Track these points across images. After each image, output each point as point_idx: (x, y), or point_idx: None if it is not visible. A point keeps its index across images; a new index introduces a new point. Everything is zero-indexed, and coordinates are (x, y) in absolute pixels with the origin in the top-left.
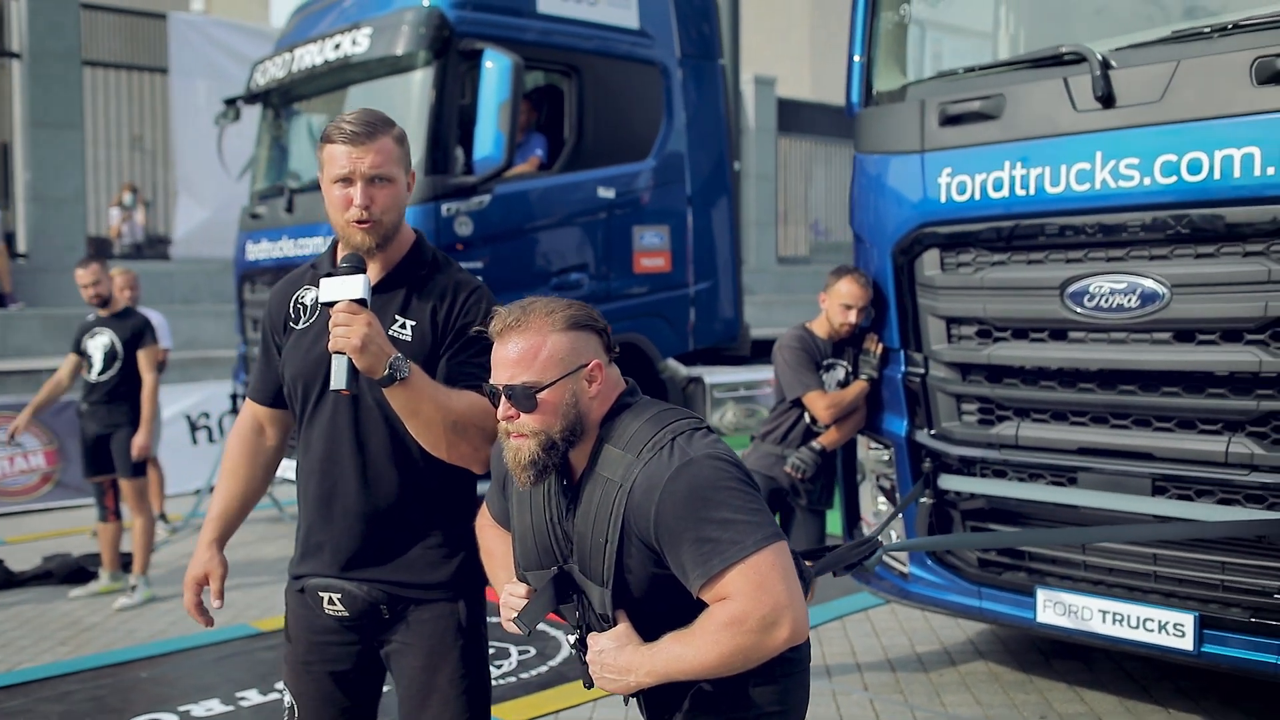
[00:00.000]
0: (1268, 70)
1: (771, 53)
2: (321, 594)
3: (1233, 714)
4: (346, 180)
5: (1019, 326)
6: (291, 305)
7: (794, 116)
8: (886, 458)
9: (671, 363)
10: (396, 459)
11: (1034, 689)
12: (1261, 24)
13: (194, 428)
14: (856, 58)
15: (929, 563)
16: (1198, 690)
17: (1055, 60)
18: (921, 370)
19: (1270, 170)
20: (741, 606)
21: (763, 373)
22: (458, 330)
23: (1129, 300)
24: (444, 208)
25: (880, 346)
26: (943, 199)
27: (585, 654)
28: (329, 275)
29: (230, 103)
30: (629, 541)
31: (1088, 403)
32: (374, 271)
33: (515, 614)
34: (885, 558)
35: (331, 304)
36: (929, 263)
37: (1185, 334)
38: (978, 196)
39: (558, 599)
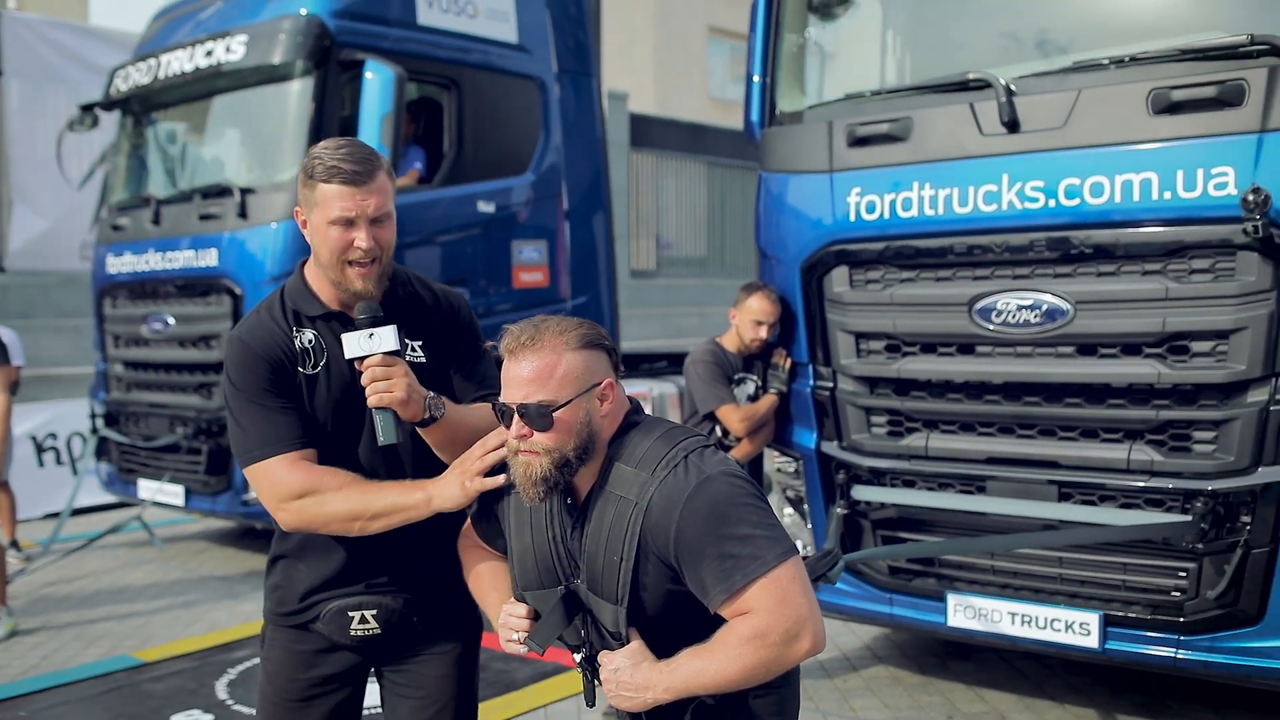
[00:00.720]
0: (1162, 101)
1: (615, 67)
2: (351, 613)
3: (1121, 705)
4: (348, 223)
5: (928, 341)
6: (294, 349)
7: (644, 131)
8: (794, 469)
9: None
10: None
11: (936, 691)
12: (1156, 58)
13: (40, 449)
14: (756, 78)
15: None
16: (1087, 685)
17: (961, 86)
18: (830, 384)
19: (1166, 194)
20: (765, 620)
21: (636, 386)
22: (459, 343)
23: (1034, 316)
24: None
25: (789, 361)
26: (852, 218)
27: (592, 672)
28: (342, 325)
29: (87, 109)
30: (645, 559)
31: (995, 414)
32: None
33: (516, 634)
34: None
35: (361, 358)
36: (838, 279)
37: (1088, 348)
38: (887, 216)
39: (567, 618)
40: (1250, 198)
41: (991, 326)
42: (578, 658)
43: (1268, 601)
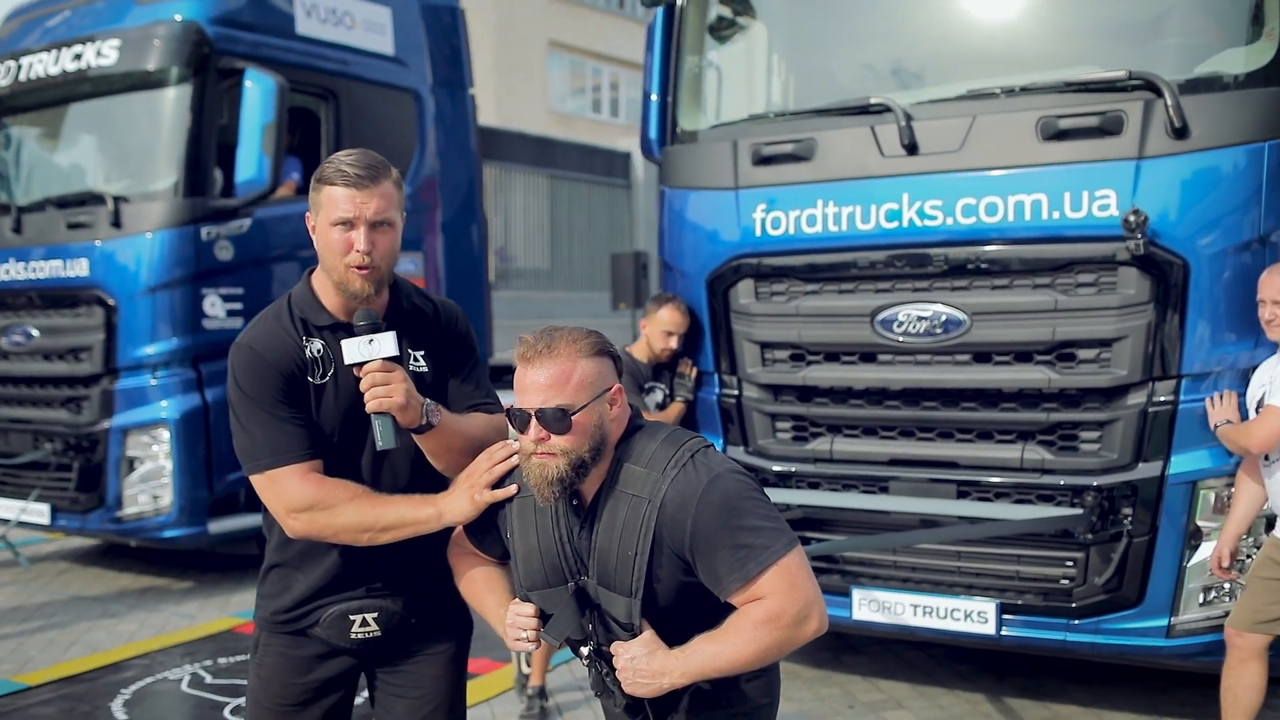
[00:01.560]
0: (1051, 129)
1: None
2: (353, 617)
3: (1005, 688)
4: (348, 224)
5: (832, 350)
6: (304, 358)
7: (490, 144)
8: None
9: None
10: (423, 488)
11: (834, 683)
12: (1043, 89)
13: None
14: (654, 96)
15: None
16: (973, 672)
17: (862, 110)
18: (736, 392)
19: (1055, 214)
20: (778, 604)
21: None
22: (456, 353)
23: (933, 326)
24: (203, 231)
25: (695, 370)
26: (757, 233)
27: (602, 663)
28: (348, 336)
29: None
30: (660, 552)
31: (896, 418)
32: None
33: (525, 633)
34: None
35: (360, 364)
36: (744, 291)
37: (983, 356)
38: (792, 231)
39: (581, 613)
40: (1131, 219)
41: (893, 336)
42: (585, 650)
43: (1147, 586)
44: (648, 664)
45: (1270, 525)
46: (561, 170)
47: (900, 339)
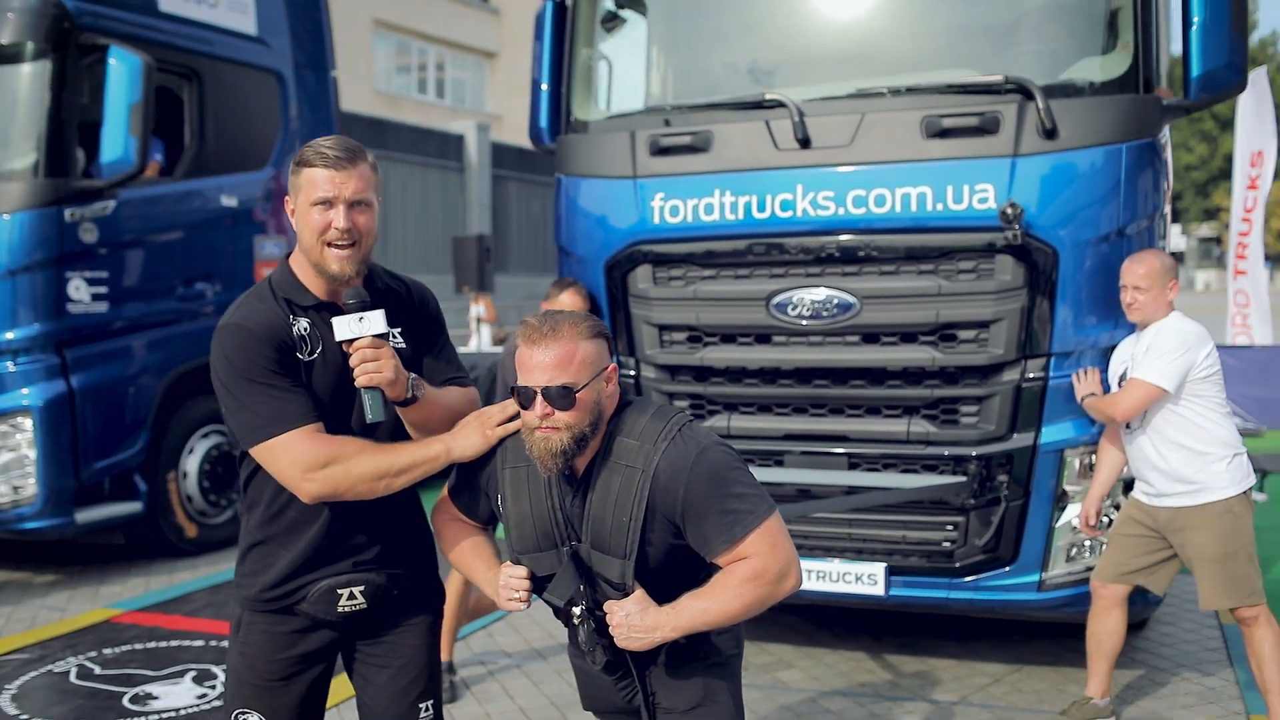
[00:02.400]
0: (934, 127)
1: None
2: (339, 592)
3: (884, 646)
4: (328, 204)
5: (728, 332)
6: (291, 335)
7: (353, 132)
8: None
9: None
10: None
11: None
12: (927, 89)
13: None
14: (544, 86)
15: None
16: (852, 633)
17: (757, 105)
18: (634, 372)
19: (939, 206)
20: (762, 563)
21: None
22: (431, 330)
23: (826, 309)
24: (67, 213)
25: None
26: (655, 220)
27: (593, 622)
28: (333, 315)
29: None
30: (653, 517)
31: (790, 396)
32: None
33: (518, 593)
34: None
35: (350, 341)
36: (642, 276)
37: (872, 337)
38: (690, 219)
39: (579, 574)
40: (1008, 211)
41: (787, 318)
42: (577, 610)
43: (1020, 545)
44: (641, 620)
45: (1129, 487)
46: (394, 152)
47: (794, 321)
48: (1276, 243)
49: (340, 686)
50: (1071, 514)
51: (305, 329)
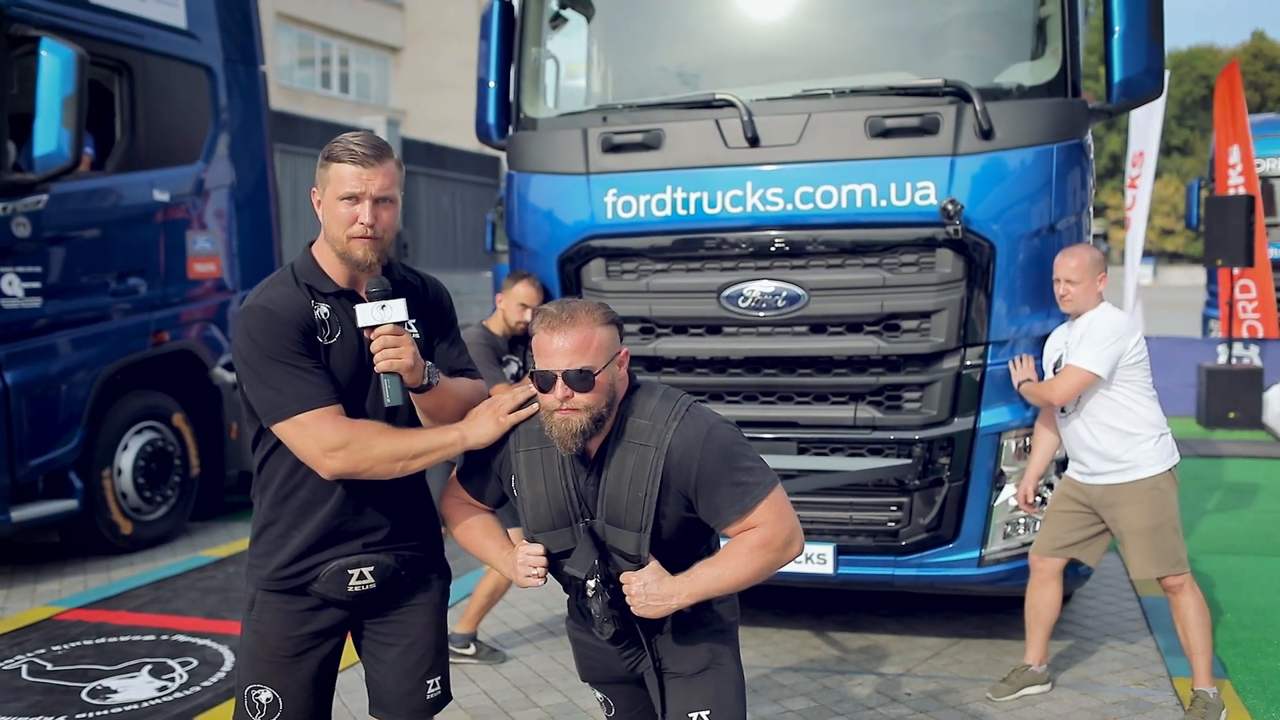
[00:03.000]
0: (877, 127)
1: None
2: (350, 572)
3: (826, 624)
4: (354, 199)
5: (680, 324)
6: (313, 318)
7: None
8: None
9: (218, 370)
10: None
11: None
12: (870, 91)
13: None
14: (492, 84)
15: None
16: (793, 613)
17: (707, 105)
18: None
19: (883, 202)
20: (770, 531)
21: None
22: (443, 324)
23: (775, 301)
24: None
25: None
26: (609, 216)
27: (608, 593)
28: (353, 302)
29: None
30: (667, 492)
31: (741, 384)
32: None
33: (535, 569)
34: None
35: (371, 328)
36: (595, 270)
37: (819, 327)
38: (642, 214)
39: (596, 549)
40: (949, 207)
41: (738, 310)
42: (592, 583)
43: (961, 524)
44: (658, 588)
45: (1061, 467)
46: (303, 147)
47: (744, 313)
48: (1160, 240)
49: (347, 653)
50: (1008, 493)
51: (325, 314)
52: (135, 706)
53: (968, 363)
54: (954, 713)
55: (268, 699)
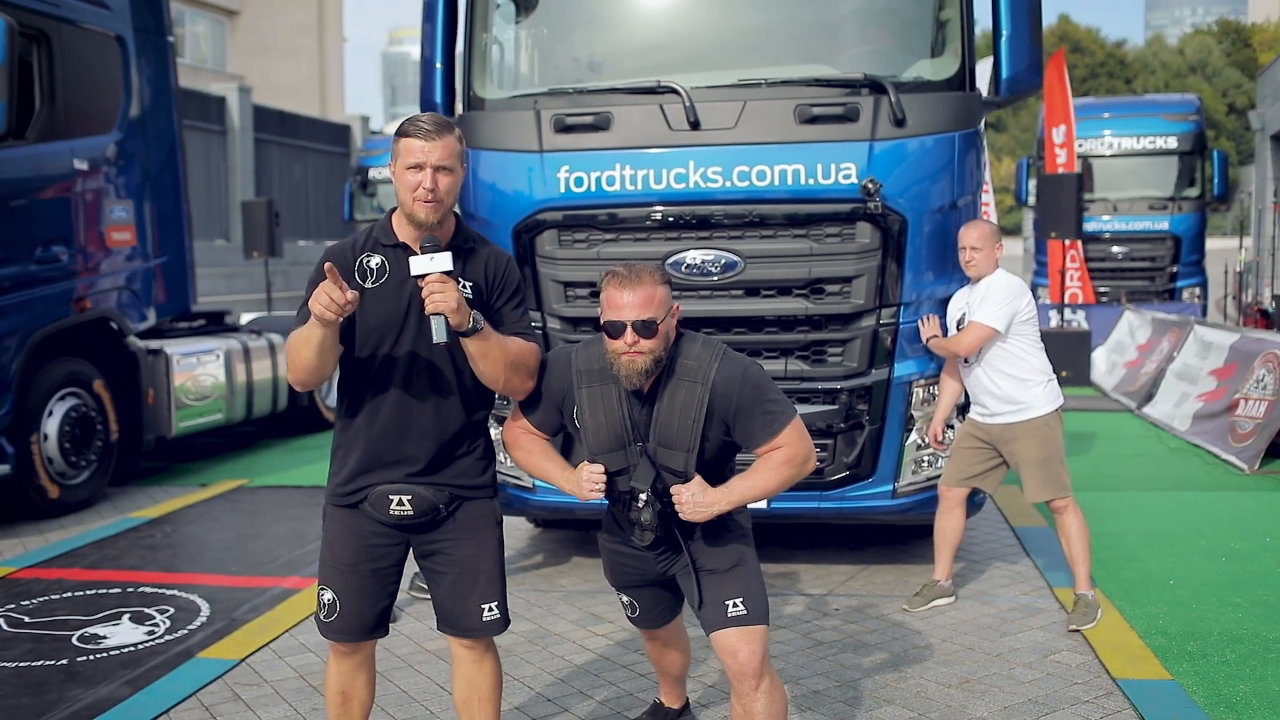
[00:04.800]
0: (805, 114)
1: None
2: (391, 497)
3: None
4: (419, 167)
5: None
6: (357, 268)
7: None
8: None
9: (132, 338)
10: (460, 391)
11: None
12: (798, 82)
13: None
14: (438, 64)
15: None
16: None
17: (652, 90)
18: (541, 324)
19: (810, 181)
20: (795, 449)
21: (210, 344)
22: (502, 288)
23: (714, 268)
24: None
25: None
26: (561, 190)
27: (662, 502)
28: (413, 255)
29: None
30: (711, 419)
31: None
32: None
33: (598, 485)
34: (509, 478)
35: (422, 276)
36: (548, 240)
37: (754, 291)
38: (593, 189)
39: (652, 467)
40: (868, 185)
41: (680, 275)
42: (644, 495)
43: (878, 461)
44: (704, 497)
45: (963, 410)
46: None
47: (686, 278)
48: (1004, 218)
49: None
50: (917, 434)
51: (376, 263)
52: (132, 649)
53: (882, 321)
54: (878, 622)
55: (329, 599)
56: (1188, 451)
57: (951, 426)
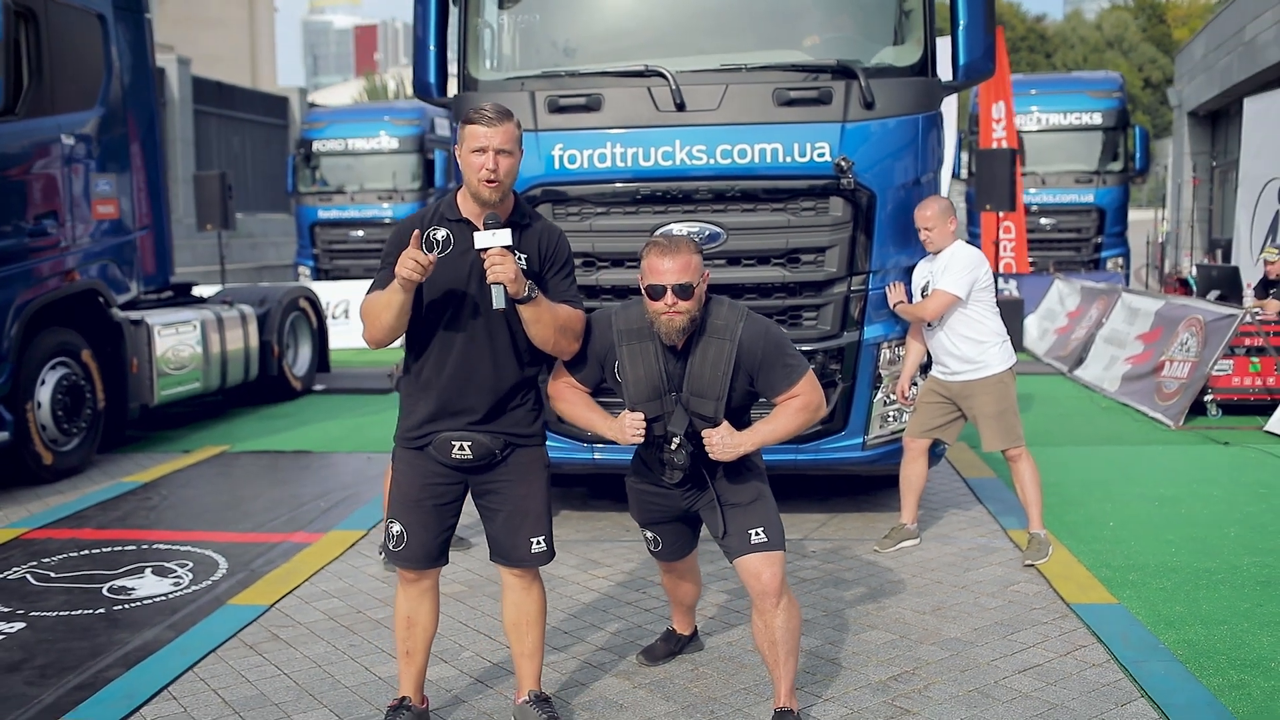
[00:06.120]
0: (783, 97)
1: None
2: (453, 443)
3: None
4: (482, 151)
5: (618, 258)
6: (425, 240)
7: None
8: None
9: (115, 309)
10: (515, 351)
11: (588, 515)
12: (776, 67)
13: None
14: (431, 46)
15: (549, 433)
16: None
17: (640, 74)
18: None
19: (788, 159)
20: (810, 397)
21: (186, 314)
22: (554, 260)
23: (699, 238)
24: None
25: None
26: (556, 167)
27: (695, 444)
28: (477, 231)
29: None
30: (738, 371)
31: None
32: None
33: (638, 430)
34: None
35: (485, 249)
36: (543, 212)
37: (735, 260)
38: (585, 166)
39: (686, 414)
40: (841, 164)
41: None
42: (678, 439)
43: (850, 416)
44: (732, 439)
45: (925, 370)
46: None
47: None
48: None
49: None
50: (884, 392)
51: (442, 235)
52: (163, 598)
53: (853, 288)
54: (853, 562)
55: (397, 530)
56: (1117, 410)
57: (915, 384)
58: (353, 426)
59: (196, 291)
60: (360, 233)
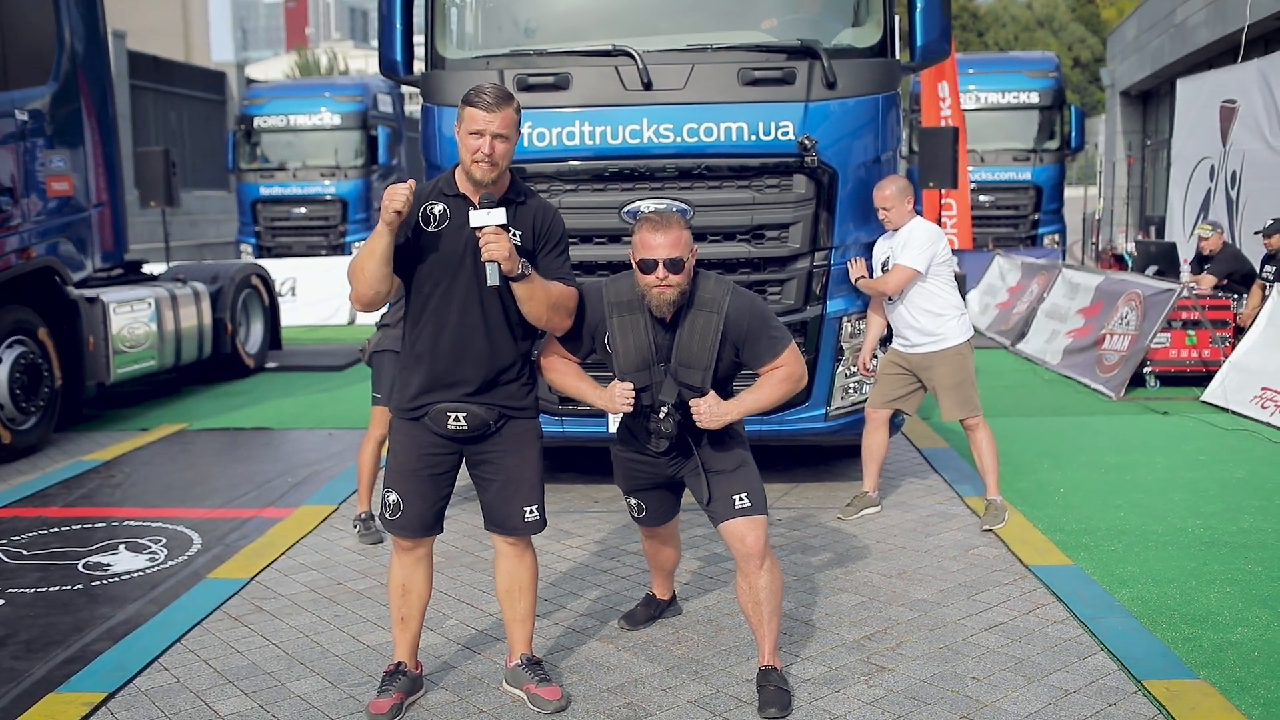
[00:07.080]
0: (748, 77)
1: None
2: (449, 414)
3: None
4: (479, 134)
5: (586, 234)
6: (421, 214)
7: None
8: None
9: (70, 286)
10: (508, 325)
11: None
12: (741, 48)
13: None
14: (398, 24)
15: None
16: None
17: (608, 54)
18: None
19: (753, 137)
20: (793, 368)
21: (140, 291)
22: (547, 238)
23: None
24: None
25: None
26: (525, 144)
27: (682, 414)
28: (473, 209)
29: None
30: (724, 343)
31: None
32: None
33: (627, 399)
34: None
35: (480, 228)
36: None
37: (701, 236)
38: (554, 144)
39: (675, 384)
40: (805, 142)
41: (634, 223)
42: (666, 408)
43: (813, 388)
44: (718, 408)
45: (886, 342)
46: None
47: None
48: None
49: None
50: (846, 364)
51: (439, 211)
52: (140, 573)
53: (816, 263)
54: (818, 529)
55: (393, 499)
56: (1060, 382)
57: (876, 357)
58: (309, 403)
59: (147, 269)
60: (303, 209)
